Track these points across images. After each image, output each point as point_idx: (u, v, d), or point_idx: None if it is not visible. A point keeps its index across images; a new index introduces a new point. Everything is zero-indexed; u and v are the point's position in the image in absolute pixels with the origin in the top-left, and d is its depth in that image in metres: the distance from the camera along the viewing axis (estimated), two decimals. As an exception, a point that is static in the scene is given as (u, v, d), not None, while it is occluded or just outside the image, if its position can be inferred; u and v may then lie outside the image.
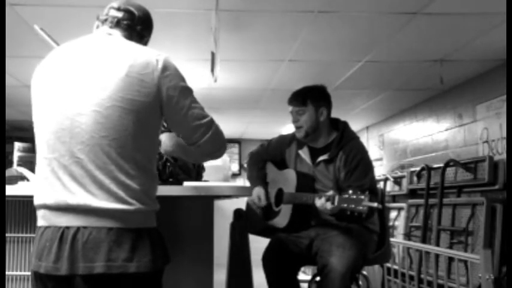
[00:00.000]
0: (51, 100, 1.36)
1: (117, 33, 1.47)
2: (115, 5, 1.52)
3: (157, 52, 1.39)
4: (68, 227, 1.28)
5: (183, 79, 1.43)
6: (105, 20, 1.49)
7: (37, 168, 1.39)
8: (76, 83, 1.34)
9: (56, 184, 1.31)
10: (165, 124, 1.63)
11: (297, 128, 2.45)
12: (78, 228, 1.27)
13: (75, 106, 1.32)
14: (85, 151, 1.29)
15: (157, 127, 1.41)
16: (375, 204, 1.96)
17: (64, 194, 1.29)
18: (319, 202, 2.10)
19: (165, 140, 1.70)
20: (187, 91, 1.44)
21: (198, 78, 4.10)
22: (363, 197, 1.97)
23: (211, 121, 1.48)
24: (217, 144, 1.51)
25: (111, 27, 1.48)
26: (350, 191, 2.01)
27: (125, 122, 1.31)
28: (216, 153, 1.57)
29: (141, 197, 1.32)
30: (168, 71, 1.37)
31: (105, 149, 1.29)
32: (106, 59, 1.35)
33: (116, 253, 1.26)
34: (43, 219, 1.35)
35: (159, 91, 1.35)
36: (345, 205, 2.00)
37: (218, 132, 1.50)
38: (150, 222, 1.36)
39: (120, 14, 1.50)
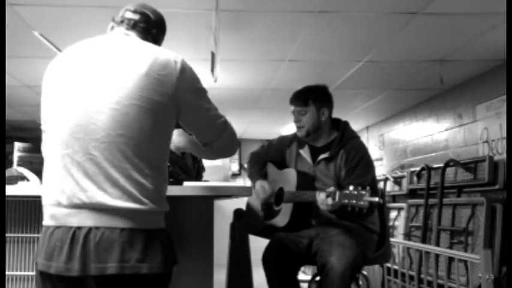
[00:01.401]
0: (66, 96, 1.35)
1: (133, 35, 1.49)
2: (131, 7, 1.53)
3: (175, 54, 1.40)
4: (79, 227, 1.27)
5: (199, 81, 1.46)
6: (122, 21, 1.50)
7: (47, 164, 1.37)
8: (93, 81, 1.34)
9: (68, 181, 1.29)
10: None
11: (299, 127, 2.45)
12: (90, 229, 1.26)
13: (92, 103, 1.31)
14: (100, 148, 1.28)
15: (171, 127, 1.42)
16: (376, 199, 1.96)
17: (77, 191, 1.28)
18: (320, 198, 2.10)
19: (176, 136, 1.72)
20: (203, 92, 1.47)
21: (198, 78, 4.10)
22: (364, 192, 1.97)
23: (226, 122, 1.54)
24: (230, 144, 1.59)
25: (127, 28, 1.49)
26: (351, 187, 2.01)
27: (142, 120, 1.30)
28: (229, 153, 1.64)
29: (154, 196, 1.32)
30: (186, 72, 1.40)
31: (120, 147, 1.28)
32: (125, 58, 1.35)
33: (129, 254, 1.25)
34: (52, 218, 1.32)
35: (177, 92, 1.36)
36: (346, 201, 2.00)
37: (232, 132, 1.56)
38: (161, 223, 1.36)
39: (136, 17, 1.51)
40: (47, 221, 1.35)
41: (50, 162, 1.36)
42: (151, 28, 1.53)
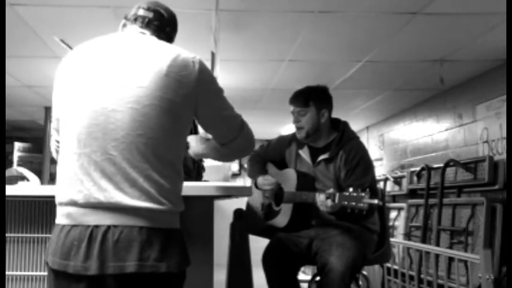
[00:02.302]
0: (82, 94, 1.33)
1: (148, 34, 1.48)
2: (144, 5, 1.52)
3: (192, 54, 1.39)
4: (97, 226, 1.25)
5: (216, 81, 1.47)
6: (135, 19, 1.49)
7: (61, 163, 1.36)
8: (110, 79, 1.32)
9: (85, 180, 1.28)
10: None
11: (298, 128, 2.44)
12: (108, 227, 1.25)
13: (109, 102, 1.30)
14: (119, 148, 1.27)
15: (188, 128, 1.42)
16: (376, 201, 1.96)
17: (94, 191, 1.27)
18: (320, 200, 2.10)
19: (194, 142, 1.76)
20: (221, 93, 1.48)
21: (198, 78, 4.10)
22: (363, 194, 1.97)
23: (243, 121, 1.55)
24: (248, 143, 1.60)
25: (141, 27, 1.48)
26: (350, 189, 2.01)
27: (161, 121, 1.30)
28: (246, 152, 1.66)
29: (172, 196, 1.32)
30: (204, 73, 1.39)
31: (140, 147, 1.28)
32: (143, 57, 1.34)
33: (148, 252, 1.25)
34: (68, 217, 1.30)
35: (196, 93, 1.36)
36: (346, 202, 2.00)
37: (249, 131, 1.58)
38: (176, 223, 1.36)
39: (150, 15, 1.50)
40: (61, 219, 1.33)
41: (65, 161, 1.34)
42: (165, 26, 1.52)
